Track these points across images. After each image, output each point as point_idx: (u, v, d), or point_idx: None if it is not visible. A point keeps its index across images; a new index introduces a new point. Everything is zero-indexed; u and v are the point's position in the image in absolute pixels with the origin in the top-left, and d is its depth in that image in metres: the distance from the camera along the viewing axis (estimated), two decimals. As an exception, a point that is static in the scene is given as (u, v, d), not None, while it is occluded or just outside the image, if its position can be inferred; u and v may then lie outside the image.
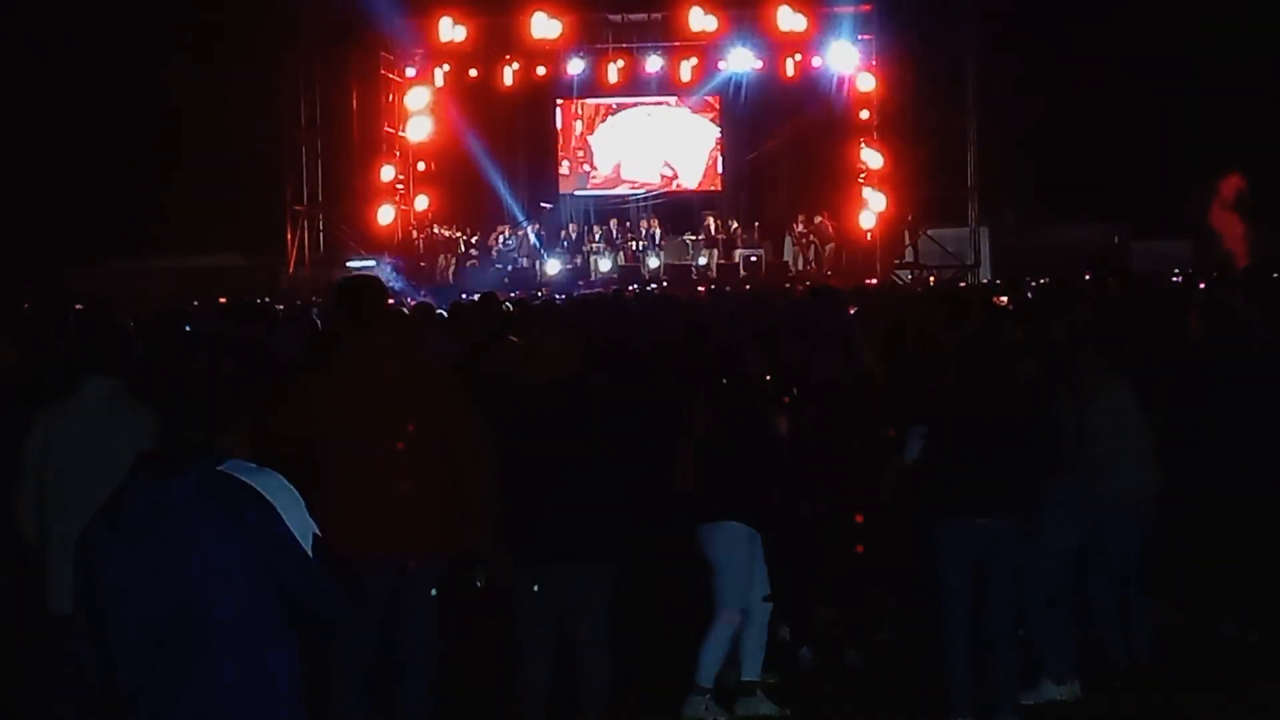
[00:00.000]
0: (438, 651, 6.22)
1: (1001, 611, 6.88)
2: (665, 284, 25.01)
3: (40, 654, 6.52)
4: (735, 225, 28.48)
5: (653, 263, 27.64)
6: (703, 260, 27.59)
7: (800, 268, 27.66)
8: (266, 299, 18.13)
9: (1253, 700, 7.19)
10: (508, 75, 28.20)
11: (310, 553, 3.62)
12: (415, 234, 29.17)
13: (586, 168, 30.36)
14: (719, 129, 30.05)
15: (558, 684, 6.38)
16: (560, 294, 20.23)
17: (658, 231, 28.30)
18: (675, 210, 29.33)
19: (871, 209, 27.49)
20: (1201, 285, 14.93)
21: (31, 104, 28.41)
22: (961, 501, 6.75)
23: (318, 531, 3.67)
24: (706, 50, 27.76)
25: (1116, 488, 7.25)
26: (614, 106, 30.19)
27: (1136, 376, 7.57)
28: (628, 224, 28.74)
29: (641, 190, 30.00)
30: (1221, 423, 7.90)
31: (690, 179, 30.11)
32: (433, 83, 28.88)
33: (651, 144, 30.03)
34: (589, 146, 30.34)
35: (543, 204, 29.39)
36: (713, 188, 30.07)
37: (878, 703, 7.34)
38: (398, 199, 28.79)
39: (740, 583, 6.97)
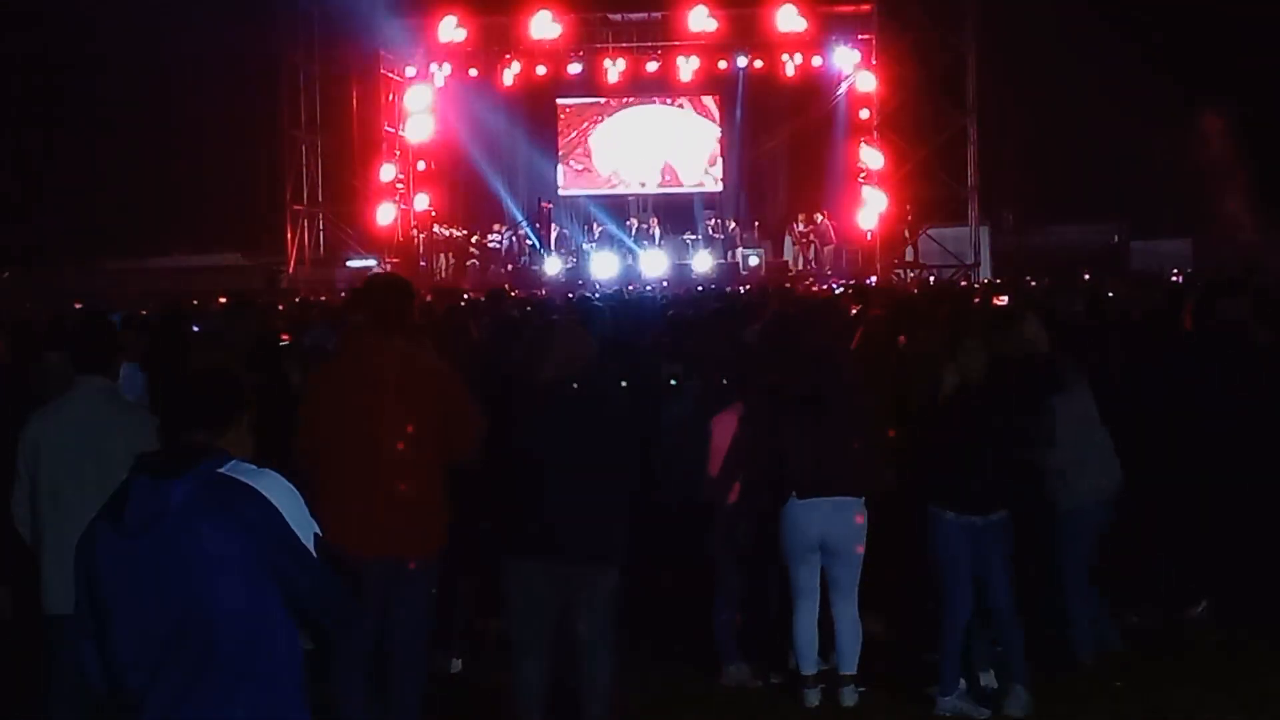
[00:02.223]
0: (428, 647, 6.27)
1: (1004, 594, 7.06)
2: (666, 284, 25.03)
3: (40, 654, 6.54)
4: (735, 225, 28.49)
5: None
6: (702, 260, 27.57)
7: (800, 267, 27.68)
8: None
9: (1239, 696, 7.21)
10: (508, 75, 28.22)
11: (313, 552, 3.64)
12: (415, 234, 29.18)
13: (586, 167, 30.38)
14: (719, 129, 30.06)
15: (562, 682, 6.39)
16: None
17: (658, 231, 28.31)
18: (675, 210, 29.35)
19: (871, 209, 27.52)
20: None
21: (31, 103, 28.43)
22: (959, 495, 6.98)
23: (318, 531, 3.68)
24: (706, 50, 27.78)
25: (1086, 486, 7.49)
26: (614, 106, 30.20)
27: (1108, 377, 7.86)
28: (628, 224, 28.75)
29: (641, 190, 30.01)
30: (1208, 419, 7.98)
31: (690, 179, 30.12)
32: (433, 83, 28.90)
33: (651, 144, 30.05)
34: (589, 146, 30.36)
35: (543, 204, 29.41)
36: (713, 188, 30.08)
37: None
38: (398, 199, 28.81)
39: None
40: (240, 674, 3.55)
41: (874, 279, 24.27)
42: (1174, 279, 19.43)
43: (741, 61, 28.01)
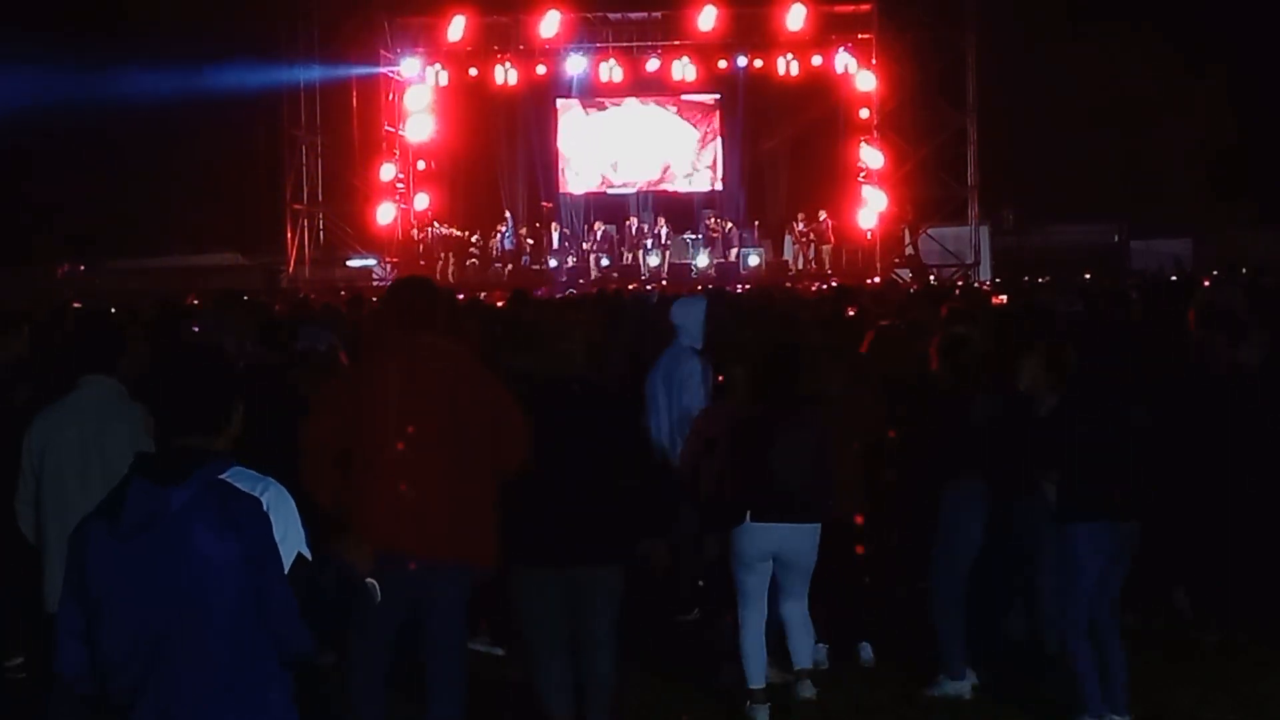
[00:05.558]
0: (466, 652, 6.15)
1: (1115, 608, 6.96)
2: (665, 283, 25.04)
3: (40, 654, 6.53)
4: (734, 225, 28.48)
5: (653, 261, 27.58)
6: (702, 260, 27.60)
7: (800, 267, 27.68)
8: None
9: (1239, 697, 7.21)
10: (508, 75, 28.21)
11: (290, 568, 3.61)
12: (415, 233, 29.18)
13: (586, 167, 30.36)
14: (719, 129, 30.05)
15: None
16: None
17: (660, 231, 28.31)
18: (675, 210, 29.34)
19: (871, 208, 27.51)
20: (1205, 283, 14.97)
21: (31, 103, 28.39)
22: (1112, 505, 6.75)
23: (304, 551, 3.65)
24: (706, 50, 27.77)
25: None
26: (613, 105, 30.17)
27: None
28: (628, 223, 28.75)
29: (641, 189, 30.00)
30: (1212, 425, 7.96)
31: (690, 178, 30.12)
32: (433, 83, 28.90)
33: (651, 143, 30.04)
34: (589, 145, 30.33)
35: (543, 203, 29.39)
36: (713, 187, 30.08)
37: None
38: (398, 198, 28.81)
39: None
40: (232, 675, 3.55)
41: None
42: (1173, 279, 19.43)
43: (741, 61, 28.01)
